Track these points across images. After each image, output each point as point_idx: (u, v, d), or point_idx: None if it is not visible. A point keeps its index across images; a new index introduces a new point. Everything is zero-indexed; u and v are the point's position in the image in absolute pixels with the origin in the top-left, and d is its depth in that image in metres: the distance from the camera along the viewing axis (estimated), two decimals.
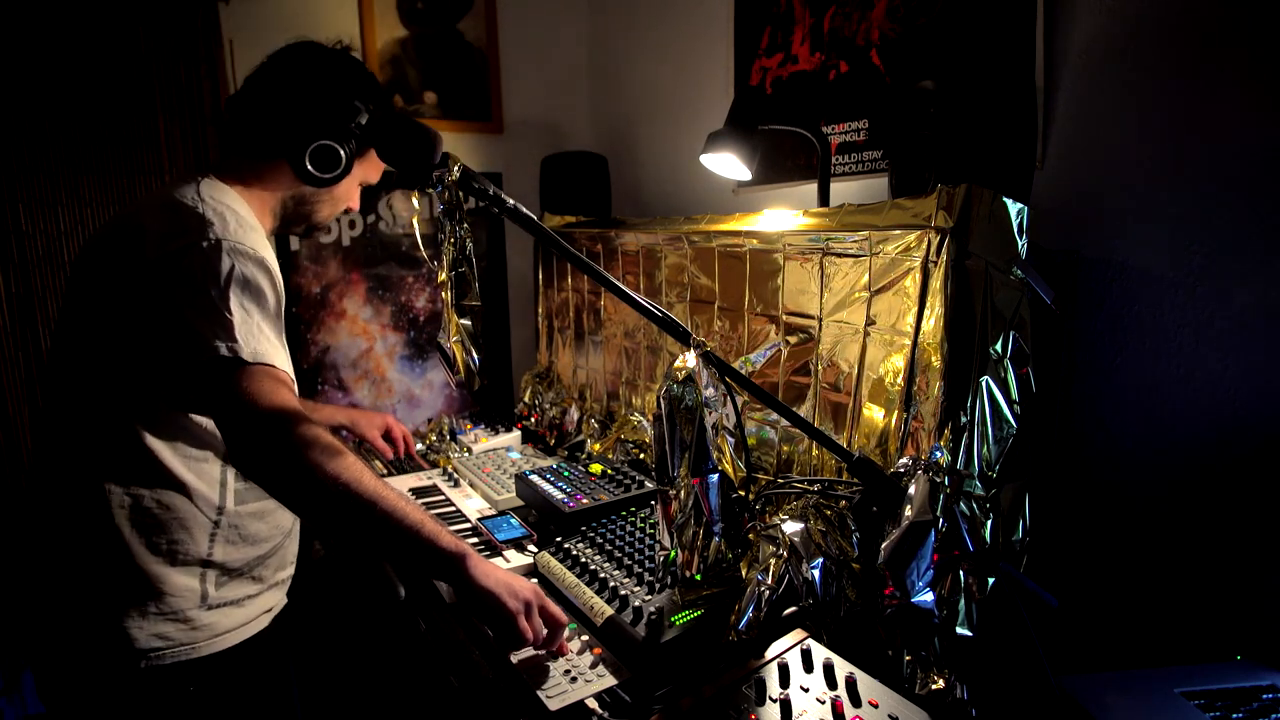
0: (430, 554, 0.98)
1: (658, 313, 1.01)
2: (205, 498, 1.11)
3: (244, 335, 0.98)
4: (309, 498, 0.98)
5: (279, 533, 1.23)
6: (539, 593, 1.02)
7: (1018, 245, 1.02)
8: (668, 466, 1.02)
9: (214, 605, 1.13)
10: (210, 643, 1.11)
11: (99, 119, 1.96)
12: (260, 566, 1.20)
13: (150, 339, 1.03)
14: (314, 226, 1.32)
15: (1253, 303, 1.07)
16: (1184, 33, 1.11)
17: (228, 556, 1.14)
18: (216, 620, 1.13)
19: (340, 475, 0.94)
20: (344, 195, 1.29)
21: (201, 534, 1.12)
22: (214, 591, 1.13)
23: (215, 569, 1.13)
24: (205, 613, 1.11)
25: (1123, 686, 0.92)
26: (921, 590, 0.90)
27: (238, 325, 0.98)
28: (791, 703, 0.87)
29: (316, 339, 2.37)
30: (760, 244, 1.39)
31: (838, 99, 1.73)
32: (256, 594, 1.20)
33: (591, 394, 2.09)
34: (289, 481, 0.97)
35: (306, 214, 1.27)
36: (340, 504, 0.95)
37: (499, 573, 1.00)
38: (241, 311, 1.00)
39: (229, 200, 1.11)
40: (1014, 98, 1.19)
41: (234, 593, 1.16)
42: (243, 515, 1.16)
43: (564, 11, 2.65)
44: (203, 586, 1.12)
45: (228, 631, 1.14)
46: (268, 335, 1.02)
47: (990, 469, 1.02)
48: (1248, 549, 1.09)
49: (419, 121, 0.95)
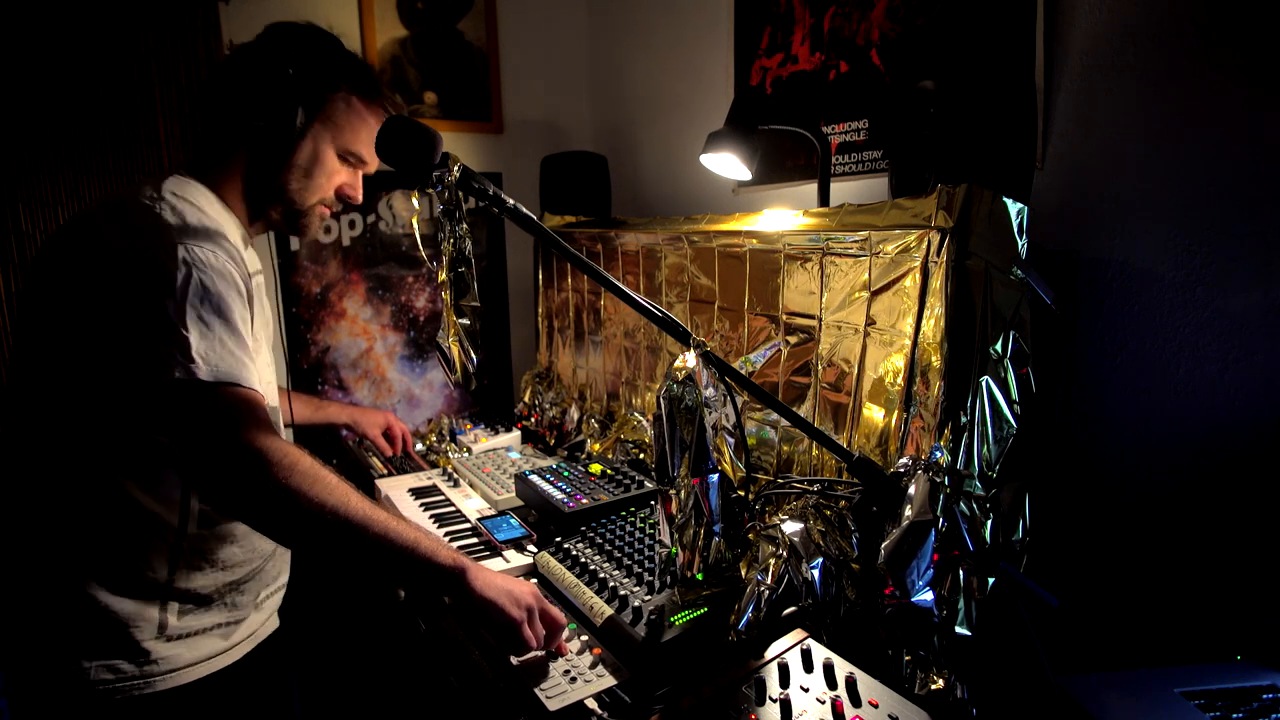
0: (429, 571, 0.95)
1: (658, 313, 1.01)
2: (165, 521, 1.03)
3: (203, 353, 0.91)
4: (292, 528, 0.93)
5: (256, 556, 1.15)
6: (538, 595, 1.02)
7: (1018, 245, 1.02)
8: (668, 466, 1.02)
9: (175, 636, 1.04)
10: (169, 677, 1.03)
11: (99, 119, 1.96)
12: (234, 593, 1.11)
13: (102, 356, 0.95)
14: (297, 212, 1.18)
15: (1253, 303, 1.07)
16: (1184, 33, 1.11)
17: (193, 584, 1.06)
18: (177, 653, 1.04)
19: (325, 501, 0.89)
20: (315, 165, 1.15)
21: (159, 560, 1.03)
22: (175, 621, 1.04)
23: (178, 597, 1.04)
24: (163, 644, 1.03)
25: (1123, 686, 0.92)
26: (921, 590, 0.90)
27: (195, 343, 0.90)
28: (791, 703, 0.87)
29: (316, 339, 2.37)
30: (760, 244, 1.39)
31: (838, 99, 1.73)
32: (231, 622, 1.11)
33: (591, 394, 2.09)
34: (268, 513, 0.91)
35: (279, 194, 1.15)
36: (328, 531, 0.90)
37: (498, 580, 0.99)
38: (200, 326, 0.91)
39: (192, 195, 1.03)
40: (1014, 98, 1.19)
41: (200, 622, 1.07)
42: (208, 539, 1.07)
43: (564, 11, 2.65)
44: (162, 616, 1.03)
45: (192, 664, 1.05)
46: (230, 349, 0.94)
47: (990, 469, 1.02)
48: (1248, 549, 1.08)
49: (419, 121, 0.94)
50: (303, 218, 1.19)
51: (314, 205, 1.19)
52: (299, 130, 1.10)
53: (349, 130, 1.16)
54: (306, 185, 1.16)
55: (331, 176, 1.18)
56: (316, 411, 1.75)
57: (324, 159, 1.15)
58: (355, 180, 1.22)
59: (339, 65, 1.15)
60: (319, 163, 1.15)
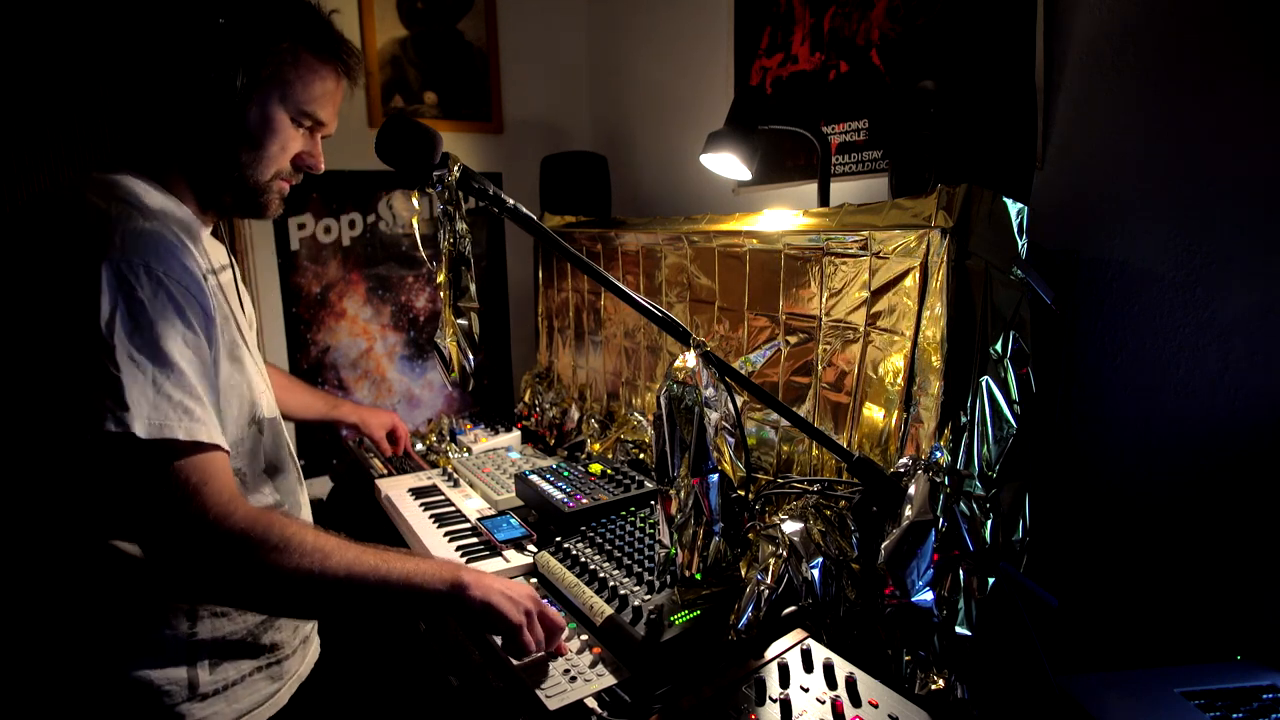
0: (427, 602, 0.92)
1: (658, 313, 1.01)
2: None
3: (145, 399, 0.76)
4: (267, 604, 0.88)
5: None
6: (536, 598, 1.02)
7: (1018, 245, 1.02)
8: (668, 466, 1.02)
9: (209, 693, 0.94)
10: None
11: (99, 119, 1.96)
12: (270, 631, 1.01)
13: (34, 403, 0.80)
14: (251, 190, 1.00)
15: (1252, 303, 1.07)
16: (1184, 32, 1.11)
17: (219, 631, 0.95)
18: (214, 711, 0.94)
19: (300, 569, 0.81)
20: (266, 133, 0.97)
21: (176, 614, 0.92)
22: (207, 677, 0.94)
23: (205, 651, 0.94)
24: (198, 705, 0.93)
25: (1123, 686, 0.92)
26: (921, 590, 0.90)
27: (128, 388, 0.75)
28: (791, 703, 0.87)
29: (316, 339, 2.37)
30: (760, 244, 1.39)
31: (838, 99, 1.73)
32: (270, 665, 1.02)
33: (591, 394, 2.09)
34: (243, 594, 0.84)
35: (228, 172, 0.97)
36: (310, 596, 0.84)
37: (497, 584, 0.97)
38: (131, 364, 0.76)
39: (128, 192, 0.88)
40: (1014, 98, 1.19)
41: (238, 671, 0.97)
42: None
43: (564, 11, 2.65)
44: (191, 674, 0.92)
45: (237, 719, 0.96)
46: (175, 394, 0.79)
47: (990, 469, 1.02)
48: (1247, 549, 1.08)
49: (419, 121, 0.93)
50: (260, 195, 1.01)
51: (270, 180, 1.00)
52: (240, 93, 0.92)
53: (300, 88, 0.97)
54: (258, 158, 0.97)
55: (286, 145, 0.99)
56: (331, 410, 1.75)
57: (275, 124, 0.97)
58: (314, 146, 1.04)
59: (280, 11, 0.96)
60: (269, 129, 0.96)
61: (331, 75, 1.01)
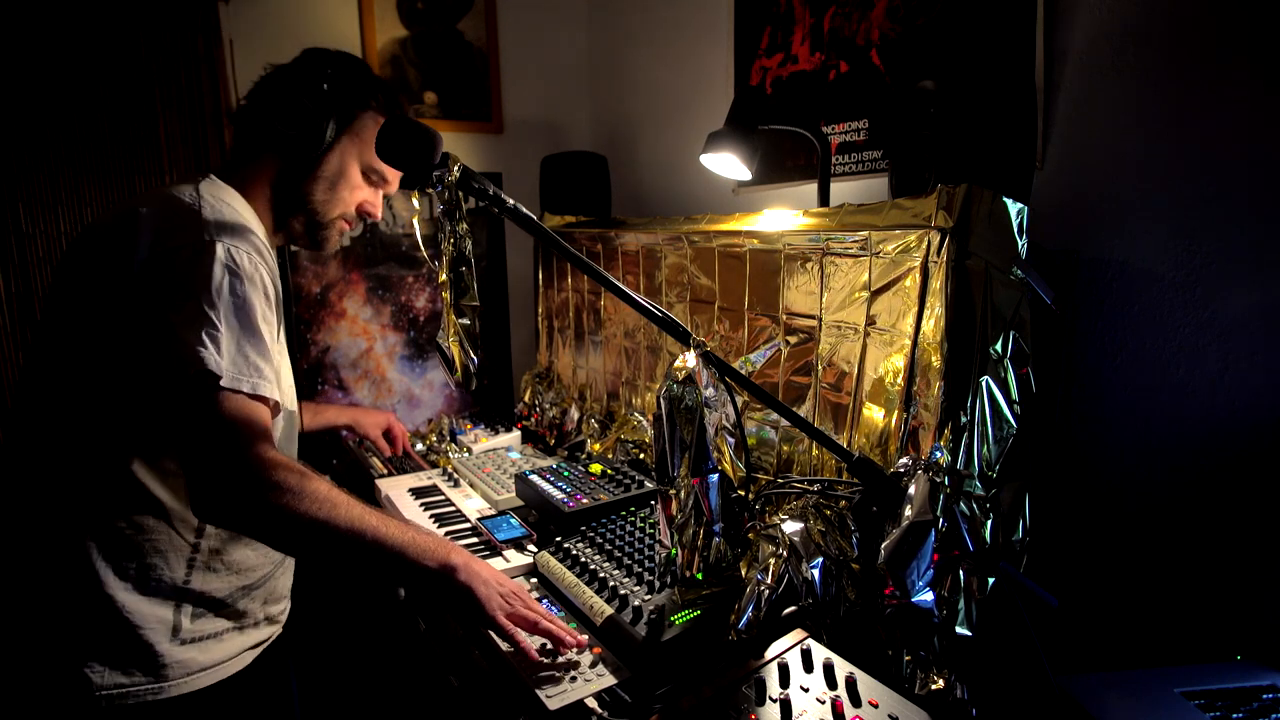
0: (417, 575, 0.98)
1: (658, 313, 1.01)
2: (183, 519, 1.03)
3: (229, 353, 0.94)
4: (275, 540, 0.98)
5: (269, 562, 1.16)
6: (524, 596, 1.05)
7: (1018, 245, 1.02)
8: (668, 466, 1.02)
9: (187, 640, 1.03)
10: (181, 683, 1.02)
11: (99, 119, 1.96)
12: (245, 598, 1.12)
13: (133, 344, 0.96)
14: (318, 224, 1.21)
15: (1252, 303, 1.07)
16: (1184, 32, 1.11)
17: (207, 585, 1.06)
18: (190, 657, 1.03)
19: (311, 515, 0.91)
20: (340, 178, 1.19)
21: (178, 559, 1.03)
22: (188, 624, 1.04)
23: (192, 599, 1.04)
24: (176, 648, 1.02)
25: (1123, 686, 0.92)
26: (921, 590, 0.90)
27: (224, 342, 0.93)
28: (791, 703, 0.87)
29: (316, 339, 2.37)
30: (760, 244, 1.39)
31: (838, 99, 1.73)
32: (238, 628, 1.11)
33: (591, 394, 2.09)
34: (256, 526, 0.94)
35: (304, 203, 1.18)
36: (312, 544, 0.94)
37: (486, 573, 1.02)
38: (230, 324, 0.95)
39: (228, 198, 1.07)
40: (1014, 98, 1.19)
41: (214, 625, 1.07)
42: (226, 540, 1.08)
43: (564, 11, 2.65)
44: (175, 618, 1.03)
45: (202, 670, 1.05)
46: (254, 359, 0.96)
47: (990, 469, 1.02)
48: (1248, 549, 1.08)
49: (419, 121, 0.94)
50: (323, 229, 1.22)
51: (336, 219, 1.22)
52: (328, 143, 1.14)
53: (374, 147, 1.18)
54: (331, 198, 1.19)
55: (354, 191, 1.22)
56: (314, 418, 1.76)
57: (349, 173, 1.20)
58: (376, 198, 1.26)
59: (369, 85, 1.20)
60: (344, 176, 1.19)
61: None
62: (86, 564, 0.98)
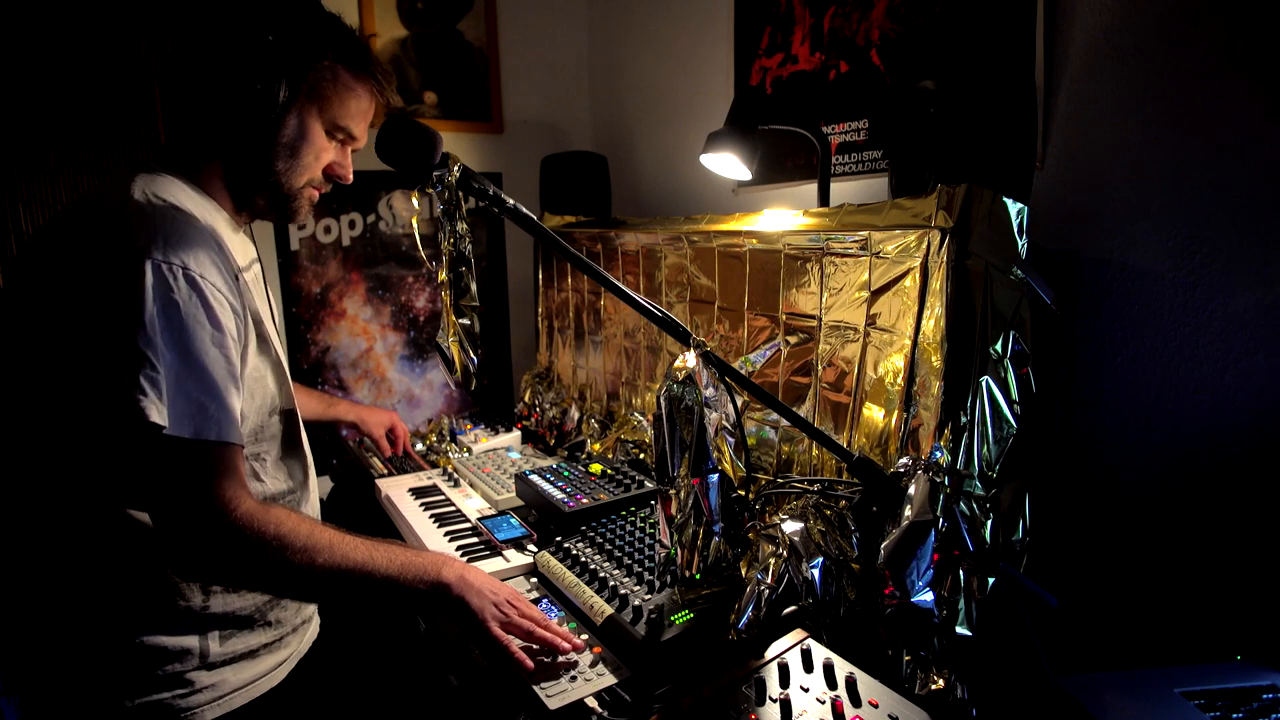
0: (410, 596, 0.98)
1: (658, 313, 1.01)
2: None
3: (171, 395, 0.82)
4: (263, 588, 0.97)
5: None
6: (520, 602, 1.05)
7: (1018, 245, 1.02)
8: (668, 466, 1.02)
9: (219, 662, 0.99)
10: (217, 704, 0.98)
11: (99, 119, 1.96)
12: (276, 608, 1.06)
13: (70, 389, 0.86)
14: (285, 197, 1.07)
15: (1252, 303, 1.07)
16: (1184, 32, 1.11)
17: (230, 606, 1.00)
18: (223, 678, 0.99)
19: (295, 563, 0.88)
20: (302, 142, 1.04)
21: (192, 589, 0.97)
22: (217, 648, 0.99)
23: (217, 623, 0.99)
24: (206, 673, 0.97)
25: (1123, 686, 0.92)
26: (921, 590, 0.90)
27: (164, 384, 0.82)
28: (791, 702, 0.87)
29: (316, 339, 2.37)
30: (760, 244, 1.39)
31: (838, 99, 1.73)
32: (273, 641, 1.06)
33: (591, 394, 2.09)
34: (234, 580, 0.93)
35: (264, 177, 1.04)
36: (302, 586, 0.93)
37: (479, 583, 1.02)
38: (168, 362, 0.83)
39: (167, 193, 0.94)
40: (1014, 98, 1.19)
41: (246, 644, 1.02)
42: None
43: (564, 11, 2.65)
44: (203, 644, 0.97)
45: (239, 689, 1.00)
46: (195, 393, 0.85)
47: (990, 469, 1.02)
48: (1247, 549, 1.08)
49: (419, 121, 0.94)
50: (291, 201, 1.08)
51: (303, 187, 1.08)
52: (282, 105, 0.98)
53: (336, 103, 1.05)
54: (293, 166, 1.04)
55: (319, 155, 1.06)
56: (327, 409, 1.76)
57: (311, 136, 1.04)
58: (344, 158, 1.12)
59: (323, 31, 1.03)
60: (306, 140, 1.04)
61: (365, 92, 1.09)
62: (101, 607, 0.93)
